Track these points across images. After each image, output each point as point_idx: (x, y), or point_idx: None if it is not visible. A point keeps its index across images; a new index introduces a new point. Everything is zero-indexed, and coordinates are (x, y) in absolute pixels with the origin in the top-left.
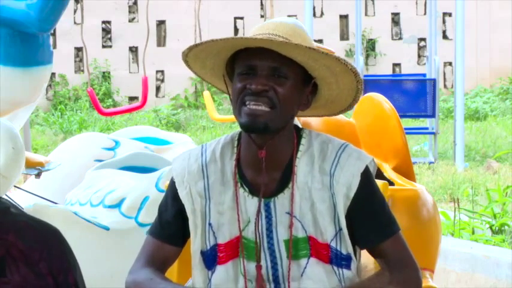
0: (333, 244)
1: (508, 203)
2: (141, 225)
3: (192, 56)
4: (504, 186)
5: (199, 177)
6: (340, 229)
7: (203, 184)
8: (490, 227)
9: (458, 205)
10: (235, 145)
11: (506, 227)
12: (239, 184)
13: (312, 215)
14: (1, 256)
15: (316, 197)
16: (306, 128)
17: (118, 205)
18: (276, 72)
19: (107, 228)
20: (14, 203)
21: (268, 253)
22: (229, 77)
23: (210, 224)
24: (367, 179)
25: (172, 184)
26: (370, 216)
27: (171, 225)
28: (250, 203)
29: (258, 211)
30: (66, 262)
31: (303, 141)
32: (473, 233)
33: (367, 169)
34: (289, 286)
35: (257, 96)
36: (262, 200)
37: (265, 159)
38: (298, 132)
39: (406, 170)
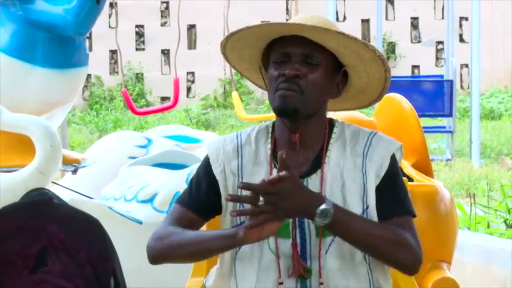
0: None
1: None
2: None
3: (230, 47)
4: None
5: (233, 156)
6: (367, 207)
7: (237, 163)
8: (505, 221)
9: (474, 200)
10: (270, 131)
11: None
12: (273, 165)
13: (341, 194)
14: (43, 246)
15: (348, 177)
16: (337, 119)
17: (150, 200)
18: (308, 58)
19: (140, 222)
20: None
21: (298, 230)
22: (265, 69)
23: None
24: (395, 162)
25: (206, 161)
26: (392, 195)
27: (199, 196)
28: None
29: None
30: (106, 252)
31: (335, 129)
32: (488, 226)
33: (395, 154)
34: (319, 263)
35: (289, 82)
36: None
37: (298, 142)
38: (331, 121)
39: (424, 167)
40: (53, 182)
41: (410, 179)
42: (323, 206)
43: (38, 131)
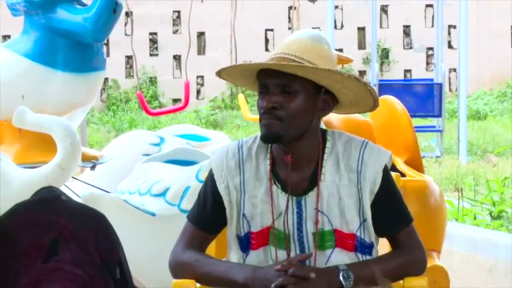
0: (358, 234)
1: (506, 192)
2: (183, 211)
3: (225, 76)
4: (502, 178)
5: (236, 172)
6: (365, 220)
7: (239, 179)
8: (490, 214)
9: (462, 194)
10: (269, 146)
11: (504, 213)
12: (273, 181)
13: (339, 209)
14: (54, 237)
15: (344, 192)
16: (329, 130)
17: (163, 194)
18: (285, 87)
19: (154, 214)
20: (64, 193)
21: (297, 244)
22: None
23: (244, 215)
24: (387, 173)
25: (211, 177)
26: (390, 208)
27: (208, 215)
28: (282, 199)
29: (287, 207)
30: (112, 242)
31: (328, 143)
32: (475, 218)
33: (386, 164)
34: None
35: (268, 114)
36: (295, 198)
37: (293, 162)
38: (324, 134)
39: (416, 163)
40: (73, 177)
41: (403, 175)
42: (341, 275)
43: (59, 130)
